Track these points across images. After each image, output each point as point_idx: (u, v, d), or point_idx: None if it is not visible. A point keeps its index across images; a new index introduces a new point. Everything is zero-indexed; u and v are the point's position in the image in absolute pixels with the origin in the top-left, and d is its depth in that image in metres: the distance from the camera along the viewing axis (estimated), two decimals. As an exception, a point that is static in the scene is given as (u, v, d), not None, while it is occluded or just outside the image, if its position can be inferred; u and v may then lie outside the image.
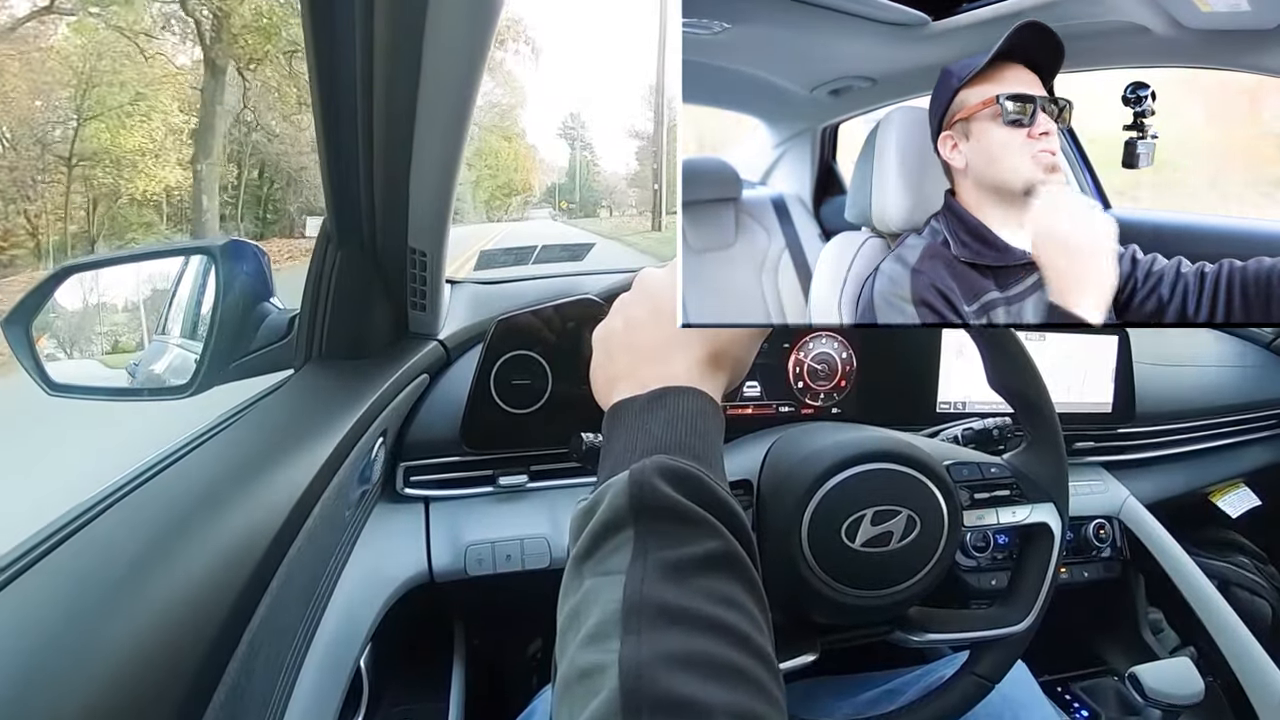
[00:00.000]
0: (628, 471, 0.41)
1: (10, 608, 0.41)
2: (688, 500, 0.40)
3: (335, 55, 0.71)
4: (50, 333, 0.87)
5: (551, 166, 55.72)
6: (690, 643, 0.34)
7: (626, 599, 0.36)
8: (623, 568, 0.38)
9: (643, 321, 0.51)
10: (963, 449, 0.80)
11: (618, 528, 0.40)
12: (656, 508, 0.39)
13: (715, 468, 0.44)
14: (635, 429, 0.45)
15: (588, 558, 0.40)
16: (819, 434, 0.74)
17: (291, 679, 0.64)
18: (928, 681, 0.86)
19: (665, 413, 0.45)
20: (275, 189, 17.93)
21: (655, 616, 0.35)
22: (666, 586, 0.36)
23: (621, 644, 0.34)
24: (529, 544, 1.01)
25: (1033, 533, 0.78)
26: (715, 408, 0.48)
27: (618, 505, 0.40)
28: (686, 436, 0.44)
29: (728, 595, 0.37)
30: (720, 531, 0.40)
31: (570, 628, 0.38)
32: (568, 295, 1.06)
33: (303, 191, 17.60)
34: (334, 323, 0.89)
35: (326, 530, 0.68)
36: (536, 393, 1.03)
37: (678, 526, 0.39)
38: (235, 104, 15.15)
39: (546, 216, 45.42)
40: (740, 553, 0.40)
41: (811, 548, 0.67)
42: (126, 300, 0.95)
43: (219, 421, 0.74)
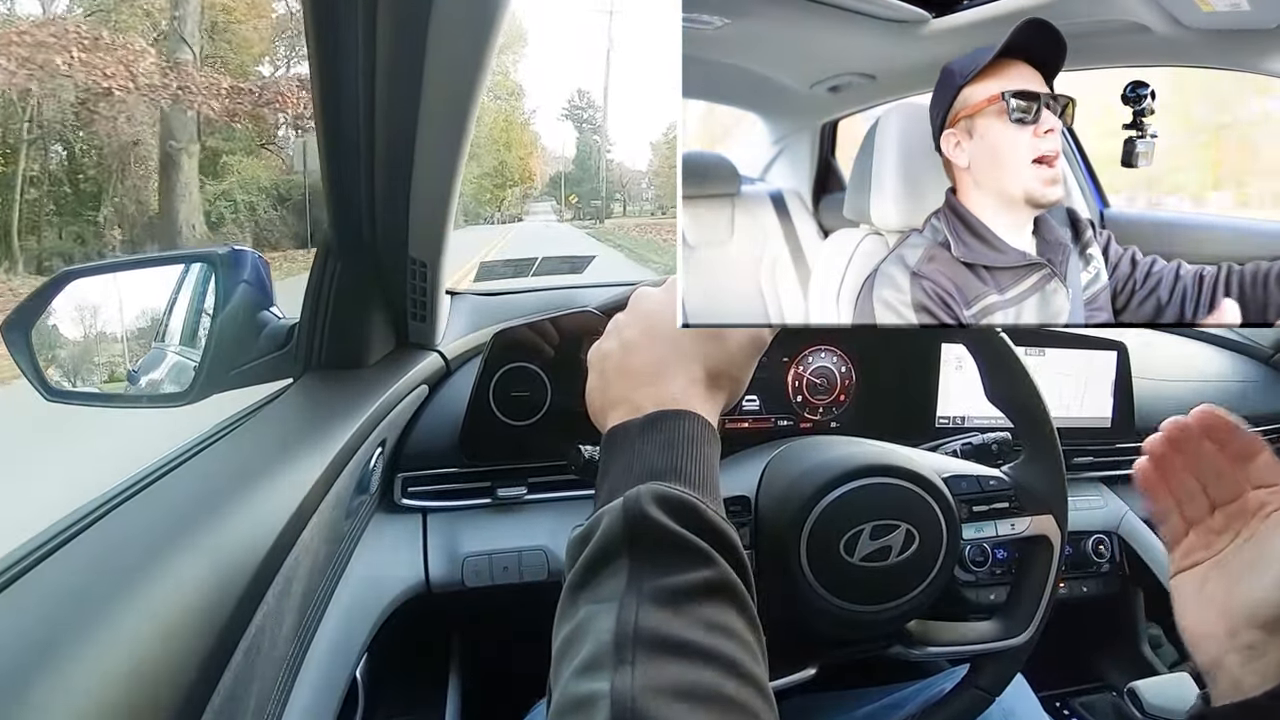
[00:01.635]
0: (622, 498, 0.41)
1: (6, 613, 0.41)
2: (682, 528, 0.39)
3: (337, 67, 0.71)
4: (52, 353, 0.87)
5: (554, 156, 47.19)
6: (683, 673, 0.34)
7: (619, 628, 0.36)
8: (616, 596, 0.37)
9: (637, 343, 0.51)
10: (961, 462, 0.80)
11: (612, 556, 0.39)
12: (650, 536, 0.39)
13: (711, 493, 0.44)
14: (630, 454, 0.45)
15: (582, 586, 0.40)
16: (818, 448, 0.74)
17: (287, 688, 0.64)
18: (928, 695, 0.86)
19: (661, 437, 0.45)
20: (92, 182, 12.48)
21: (648, 647, 0.35)
22: (660, 615, 0.36)
23: (614, 674, 0.34)
24: (527, 556, 1.00)
25: (1032, 546, 0.78)
26: (711, 430, 0.47)
27: (611, 533, 0.40)
28: (681, 461, 0.44)
29: (721, 623, 0.37)
30: (714, 559, 0.39)
31: (564, 656, 0.38)
32: (567, 307, 1.06)
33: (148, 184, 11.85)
34: (333, 332, 0.89)
35: (324, 540, 0.68)
36: (535, 405, 1.03)
37: (671, 555, 0.39)
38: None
39: (549, 213, 39.58)
40: (734, 580, 0.40)
41: (810, 562, 0.67)
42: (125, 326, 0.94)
43: (217, 430, 0.74)
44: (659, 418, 0.46)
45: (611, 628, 0.36)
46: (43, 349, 0.83)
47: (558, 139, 57.50)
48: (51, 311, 0.84)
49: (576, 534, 0.43)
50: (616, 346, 0.52)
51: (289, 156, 15.02)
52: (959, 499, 0.73)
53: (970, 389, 1.15)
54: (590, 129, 45.83)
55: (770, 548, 0.69)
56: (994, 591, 1.13)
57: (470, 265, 1.50)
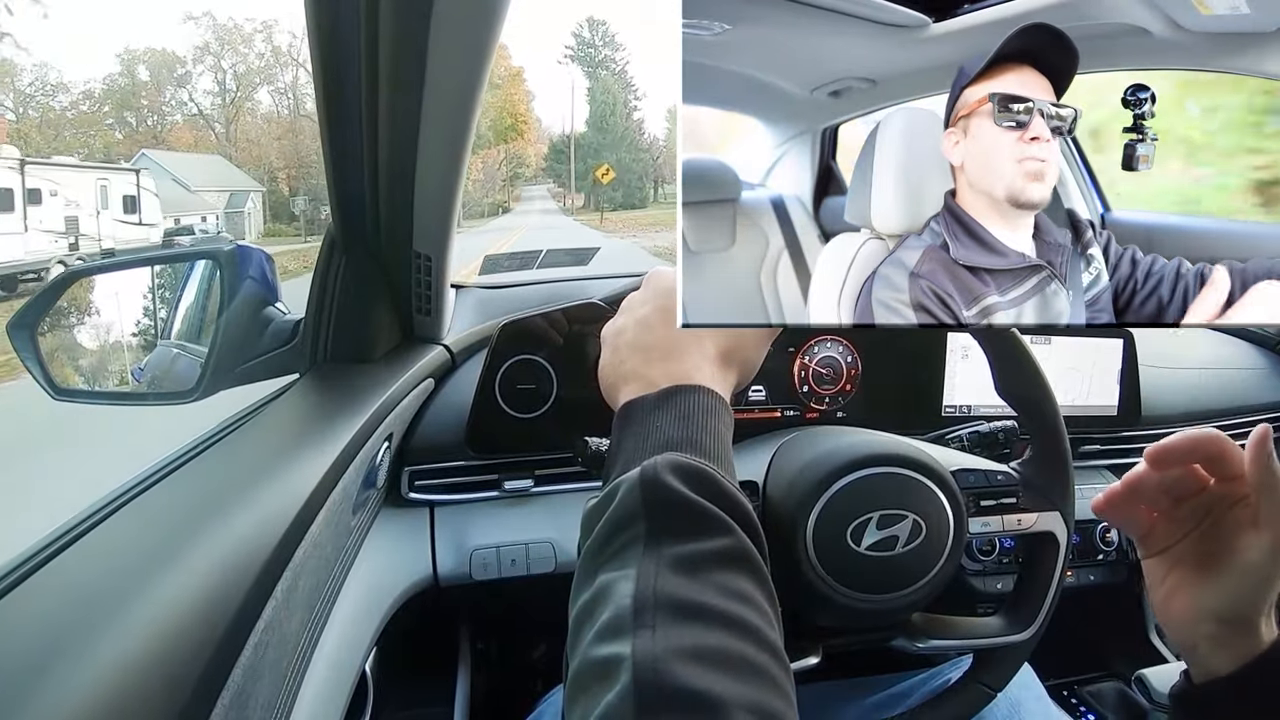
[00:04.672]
0: (639, 468, 0.41)
1: (16, 611, 0.41)
2: (699, 496, 0.40)
3: (340, 61, 0.71)
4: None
5: (548, 134, 36.58)
6: (704, 637, 0.34)
7: (639, 594, 0.36)
8: (635, 562, 0.38)
9: (651, 320, 0.51)
10: (969, 455, 0.80)
11: (629, 524, 0.40)
12: (668, 504, 0.40)
13: (726, 465, 0.45)
14: (646, 427, 0.46)
15: (600, 554, 0.40)
16: (824, 438, 0.74)
17: (297, 683, 0.64)
18: (933, 685, 0.86)
19: (675, 410, 0.46)
20: None
21: (669, 611, 0.35)
22: (679, 581, 0.36)
23: (635, 638, 0.34)
24: (534, 548, 1.00)
25: (1038, 543, 0.78)
26: (725, 405, 0.48)
27: (629, 501, 0.40)
28: (697, 434, 0.44)
29: (740, 590, 0.37)
30: (731, 527, 0.40)
31: (583, 623, 0.38)
32: (573, 300, 1.06)
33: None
34: (339, 327, 0.89)
35: (331, 535, 0.68)
36: (542, 397, 1.03)
37: (689, 522, 0.39)
38: None
39: (546, 199, 30.45)
40: (751, 549, 0.40)
41: (817, 551, 0.67)
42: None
43: (224, 426, 0.74)
44: (673, 392, 0.47)
45: (631, 592, 0.36)
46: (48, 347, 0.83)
47: (554, 92, 43.76)
48: (57, 310, 0.84)
49: (592, 504, 0.43)
50: (631, 323, 0.52)
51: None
52: (966, 492, 0.73)
53: (976, 379, 1.15)
54: (609, 74, 32.46)
55: (777, 535, 0.69)
56: (1000, 581, 1.13)
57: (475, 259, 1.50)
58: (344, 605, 0.79)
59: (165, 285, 0.97)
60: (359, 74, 0.72)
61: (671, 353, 0.49)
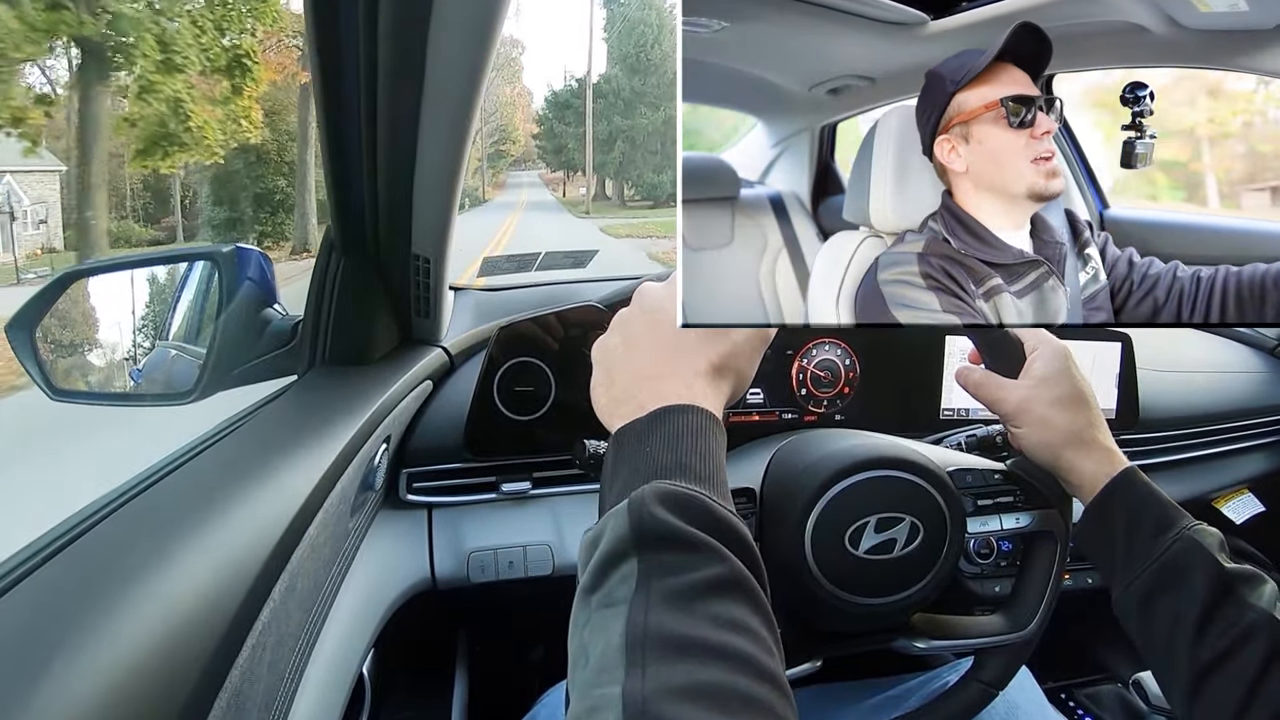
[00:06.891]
0: (627, 500, 0.41)
1: (13, 612, 0.41)
2: (688, 525, 0.39)
3: (339, 65, 0.71)
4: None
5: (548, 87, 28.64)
6: (695, 672, 0.34)
7: (630, 631, 0.36)
8: (626, 599, 0.37)
9: (640, 338, 0.51)
10: (966, 455, 0.80)
11: (621, 558, 0.39)
12: (657, 536, 0.39)
13: (717, 487, 0.44)
14: (636, 454, 0.45)
15: (594, 590, 0.40)
16: (822, 441, 0.74)
17: (294, 685, 0.64)
18: (932, 687, 0.86)
19: (664, 433, 0.45)
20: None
21: (659, 647, 0.35)
22: (670, 615, 0.36)
23: (625, 677, 0.34)
24: (532, 551, 1.00)
25: (1036, 540, 0.78)
26: (716, 423, 0.47)
27: (619, 535, 0.40)
28: (686, 457, 0.44)
29: (733, 619, 0.37)
30: (723, 555, 0.39)
31: (577, 662, 0.38)
32: (570, 302, 1.06)
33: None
34: (337, 329, 0.89)
35: (329, 537, 0.68)
36: (540, 399, 1.03)
37: (680, 553, 0.39)
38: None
39: (537, 184, 25.00)
40: (745, 574, 0.39)
41: (815, 555, 0.67)
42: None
43: (221, 428, 0.74)
44: (663, 414, 0.46)
45: (622, 630, 0.36)
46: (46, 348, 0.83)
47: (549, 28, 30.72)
48: (55, 311, 0.84)
49: (587, 537, 0.43)
50: (620, 342, 0.52)
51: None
52: (964, 492, 0.73)
53: (974, 381, 1.15)
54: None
55: (775, 540, 0.69)
56: (999, 584, 1.13)
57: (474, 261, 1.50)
58: (341, 607, 0.79)
59: (165, 286, 0.97)
60: (358, 77, 0.72)
61: (661, 371, 0.49)
